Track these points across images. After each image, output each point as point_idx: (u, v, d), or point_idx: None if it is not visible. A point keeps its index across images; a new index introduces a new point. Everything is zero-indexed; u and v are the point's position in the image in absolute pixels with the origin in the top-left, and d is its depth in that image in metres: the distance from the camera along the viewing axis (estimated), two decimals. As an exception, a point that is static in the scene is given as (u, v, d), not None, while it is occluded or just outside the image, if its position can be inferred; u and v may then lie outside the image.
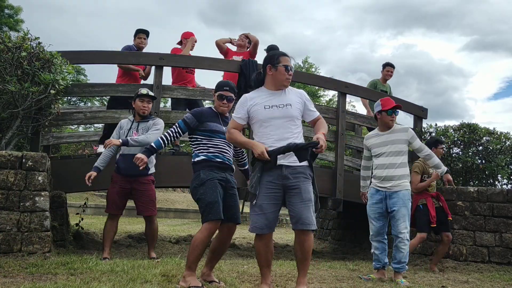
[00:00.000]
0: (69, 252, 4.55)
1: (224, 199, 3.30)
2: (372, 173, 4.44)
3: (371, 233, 4.35)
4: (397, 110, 4.34)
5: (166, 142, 3.42)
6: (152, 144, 3.45)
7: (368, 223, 4.38)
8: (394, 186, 4.22)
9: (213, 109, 3.50)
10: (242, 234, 9.95)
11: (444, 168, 4.46)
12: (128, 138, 4.45)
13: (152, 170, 4.69)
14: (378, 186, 4.30)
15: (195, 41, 6.36)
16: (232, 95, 3.46)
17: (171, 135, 3.43)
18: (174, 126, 3.46)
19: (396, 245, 4.22)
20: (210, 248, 3.45)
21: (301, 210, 2.96)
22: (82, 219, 6.07)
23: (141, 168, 3.38)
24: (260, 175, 3.01)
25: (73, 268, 3.51)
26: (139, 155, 3.36)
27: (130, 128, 4.63)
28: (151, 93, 4.74)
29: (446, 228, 5.07)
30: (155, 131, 4.52)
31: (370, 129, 7.02)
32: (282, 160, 2.99)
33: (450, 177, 4.67)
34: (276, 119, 3.06)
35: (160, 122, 4.67)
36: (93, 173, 4.48)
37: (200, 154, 3.35)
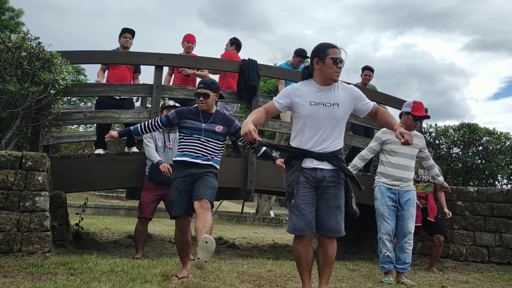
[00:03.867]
0: (69, 252, 4.55)
1: (195, 188, 3.46)
2: (378, 170, 4.37)
3: (383, 233, 4.16)
4: (423, 119, 4.35)
5: (143, 129, 3.70)
6: (131, 128, 3.75)
7: (376, 222, 4.24)
8: (407, 186, 4.24)
9: (198, 108, 3.69)
10: (242, 234, 9.96)
11: (442, 179, 4.82)
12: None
13: None
14: (390, 185, 4.22)
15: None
16: (208, 90, 3.57)
17: (150, 124, 3.69)
18: (157, 118, 3.73)
19: (401, 246, 4.18)
20: None
21: (326, 217, 2.89)
22: (82, 219, 6.07)
23: (106, 140, 3.74)
24: (298, 174, 2.92)
25: (73, 268, 3.51)
26: (112, 132, 3.70)
27: (164, 138, 4.92)
28: (177, 104, 4.92)
29: (437, 231, 5.06)
30: None
31: (368, 129, 7.01)
32: (316, 163, 2.90)
33: (446, 184, 4.96)
34: (319, 119, 2.90)
35: None
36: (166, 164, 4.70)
37: (177, 153, 3.60)
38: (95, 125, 6.40)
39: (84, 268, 3.52)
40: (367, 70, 7.20)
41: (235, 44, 6.57)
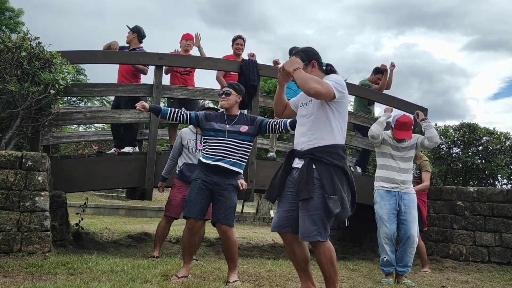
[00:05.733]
0: (69, 252, 4.55)
1: (212, 201, 3.54)
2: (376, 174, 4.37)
3: (383, 237, 4.14)
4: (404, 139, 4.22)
5: (171, 116, 3.60)
6: (162, 108, 3.65)
7: (377, 225, 4.23)
8: (406, 188, 4.24)
9: (224, 112, 3.69)
10: (242, 234, 9.95)
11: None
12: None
13: None
14: (389, 188, 4.21)
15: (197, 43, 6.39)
16: (231, 89, 3.64)
17: (179, 113, 3.64)
18: (188, 112, 3.68)
19: (404, 249, 4.15)
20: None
21: (300, 220, 2.74)
22: (82, 219, 6.07)
23: (138, 108, 3.45)
24: (282, 173, 2.92)
25: (73, 268, 3.51)
26: (143, 102, 3.49)
27: (195, 139, 4.80)
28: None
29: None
30: None
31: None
32: (296, 161, 2.86)
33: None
34: (301, 118, 2.95)
35: None
36: (163, 184, 4.99)
37: (203, 154, 3.59)
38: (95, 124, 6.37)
39: (84, 268, 3.52)
40: (380, 74, 7.21)
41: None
